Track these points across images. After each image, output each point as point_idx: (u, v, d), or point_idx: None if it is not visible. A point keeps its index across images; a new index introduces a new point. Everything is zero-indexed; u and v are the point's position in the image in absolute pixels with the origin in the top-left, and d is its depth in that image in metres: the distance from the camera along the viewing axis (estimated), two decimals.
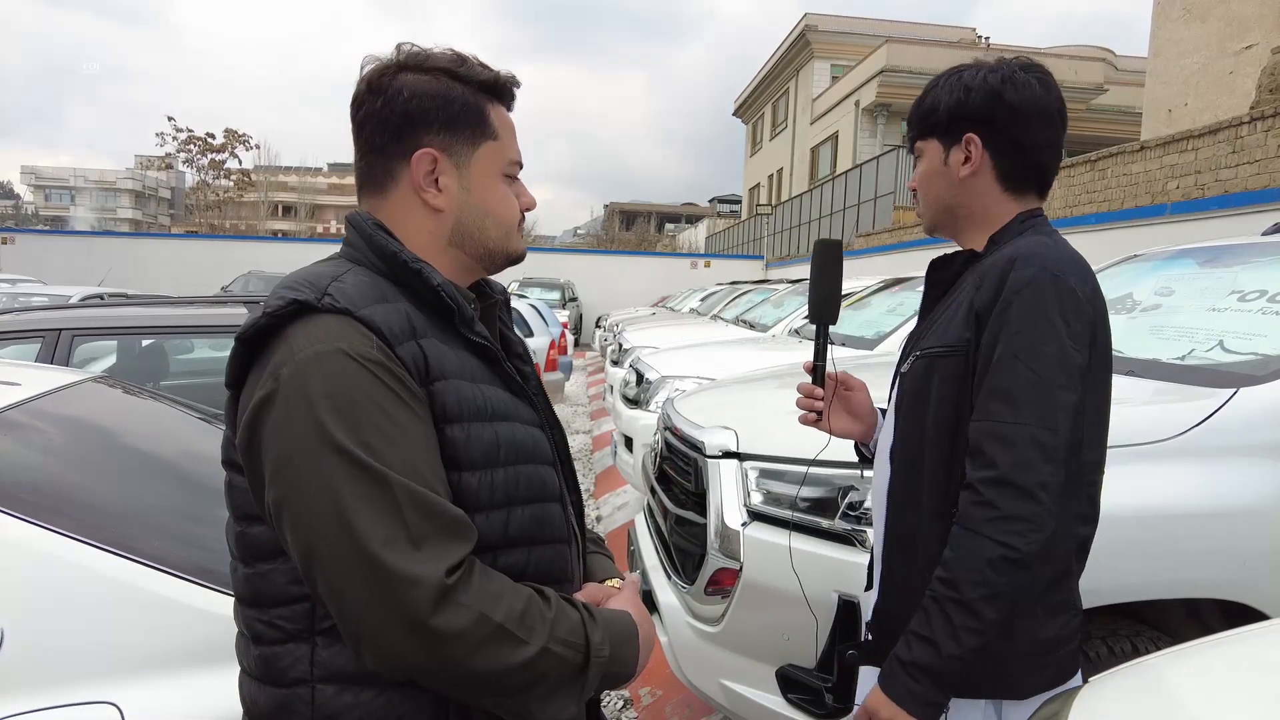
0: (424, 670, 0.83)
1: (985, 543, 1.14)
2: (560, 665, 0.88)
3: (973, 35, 28.09)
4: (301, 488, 0.83)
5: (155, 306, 4.51)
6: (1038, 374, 1.16)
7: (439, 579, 0.81)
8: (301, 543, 0.84)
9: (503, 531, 0.94)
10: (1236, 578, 1.78)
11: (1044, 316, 1.17)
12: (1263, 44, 10.10)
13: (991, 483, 1.15)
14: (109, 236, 25.52)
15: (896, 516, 1.36)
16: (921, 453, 1.30)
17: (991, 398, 1.19)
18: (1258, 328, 2.16)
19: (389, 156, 0.99)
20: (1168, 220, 7.79)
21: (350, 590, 0.81)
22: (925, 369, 1.31)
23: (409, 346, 0.90)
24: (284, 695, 0.91)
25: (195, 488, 1.89)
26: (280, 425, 0.84)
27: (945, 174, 1.36)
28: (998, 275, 1.22)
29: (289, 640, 0.91)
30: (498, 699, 0.87)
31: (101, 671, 1.35)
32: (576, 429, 8.60)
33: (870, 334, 4.77)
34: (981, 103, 1.30)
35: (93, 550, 1.40)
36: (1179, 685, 0.99)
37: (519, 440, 0.97)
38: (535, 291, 16.69)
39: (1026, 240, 1.27)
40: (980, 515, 1.16)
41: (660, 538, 2.71)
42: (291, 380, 0.84)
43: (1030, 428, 1.15)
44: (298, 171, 51.16)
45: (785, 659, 2.03)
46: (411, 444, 0.86)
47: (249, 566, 0.93)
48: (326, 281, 0.90)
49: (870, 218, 17.85)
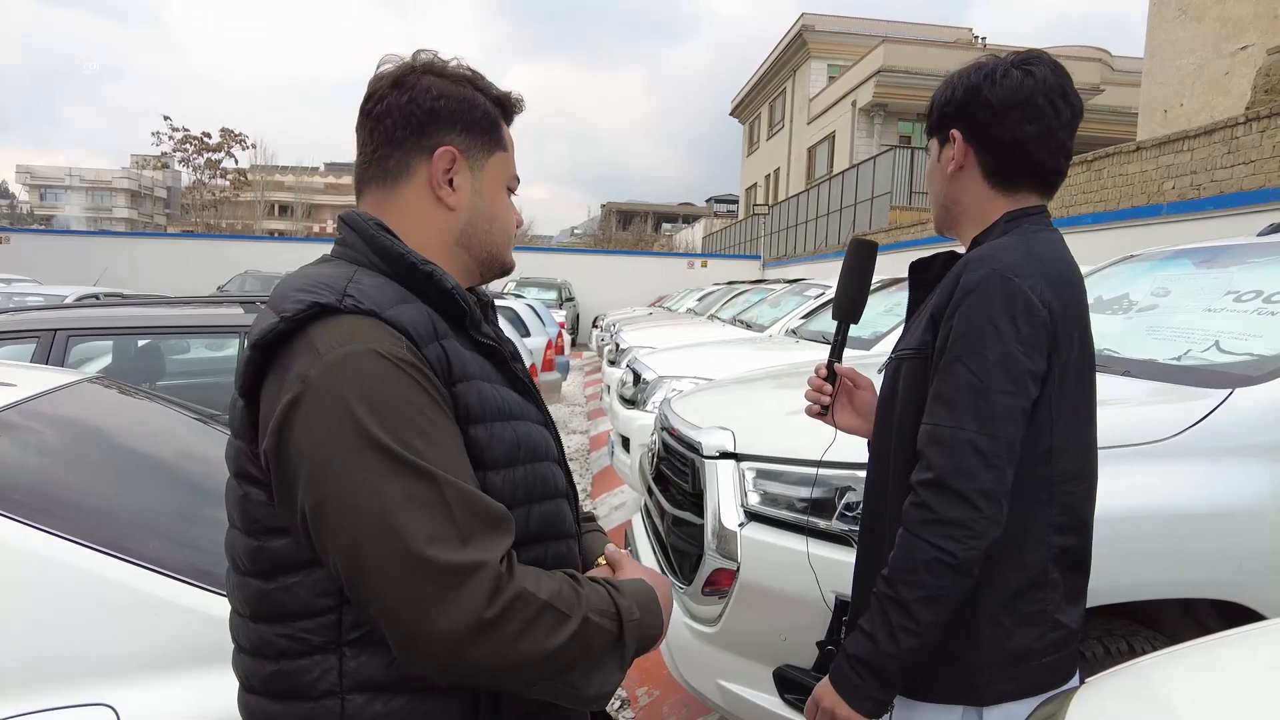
0: (477, 664, 0.82)
1: (922, 545, 1.15)
2: (600, 635, 0.89)
3: (969, 35, 28.12)
4: (343, 489, 0.81)
5: (151, 306, 4.49)
6: (979, 378, 1.15)
7: (495, 567, 0.82)
8: (344, 545, 0.81)
9: (524, 528, 0.95)
10: (1233, 578, 1.78)
11: (989, 320, 1.16)
12: (1258, 45, 10.12)
13: (929, 485, 1.16)
14: (105, 236, 25.45)
15: (869, 517, 1.39)
16: (888, 454, 1.32)
17: (934, 401, 1.20)
18: (1253, 328, 2.16)
19: (407, 150, 0.99)
20: (1164, 220, 7.80)
21: (401, 591, 0.79)
22: (894, 371, 1.33)
23: (434, 348, 0.90)
24: (310, 709, 0.89)
25: (191, 489, 1.89)
26: (312, 427, 0.82)
27: (938, 170, 1.37)
28: (954, 277, 1.23)
29: (315, 653, 0.89)
30: (548, 681, 0.87)
31: (97, 673, 1.34)
32: (573, 429, 8.60)
33: (867, 334, 4.78)
34: (962, 99, 1.31)
35: (88, 551, 1.39)
36: (1174, 687, 0.99)
37: (533, 439, 0.99)
38: (532, 291, 16.67)
39: (998, 241, 1.26)
40: (917, 517, 1.17)
41: (657, 538, 2.71)
42: (322, 381, 0.82)
43: (968, 432, 1.15)
44: (294, 171, 51.14)
45: (782, 659, 2.03)
46: (450, 443, 0.86)
47: (270, 581, 0.90)
48: (343, 283, 0.89)
49: (867, 218, 17.86)
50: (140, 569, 1.42)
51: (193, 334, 4.23)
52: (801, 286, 8.48)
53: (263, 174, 43.00)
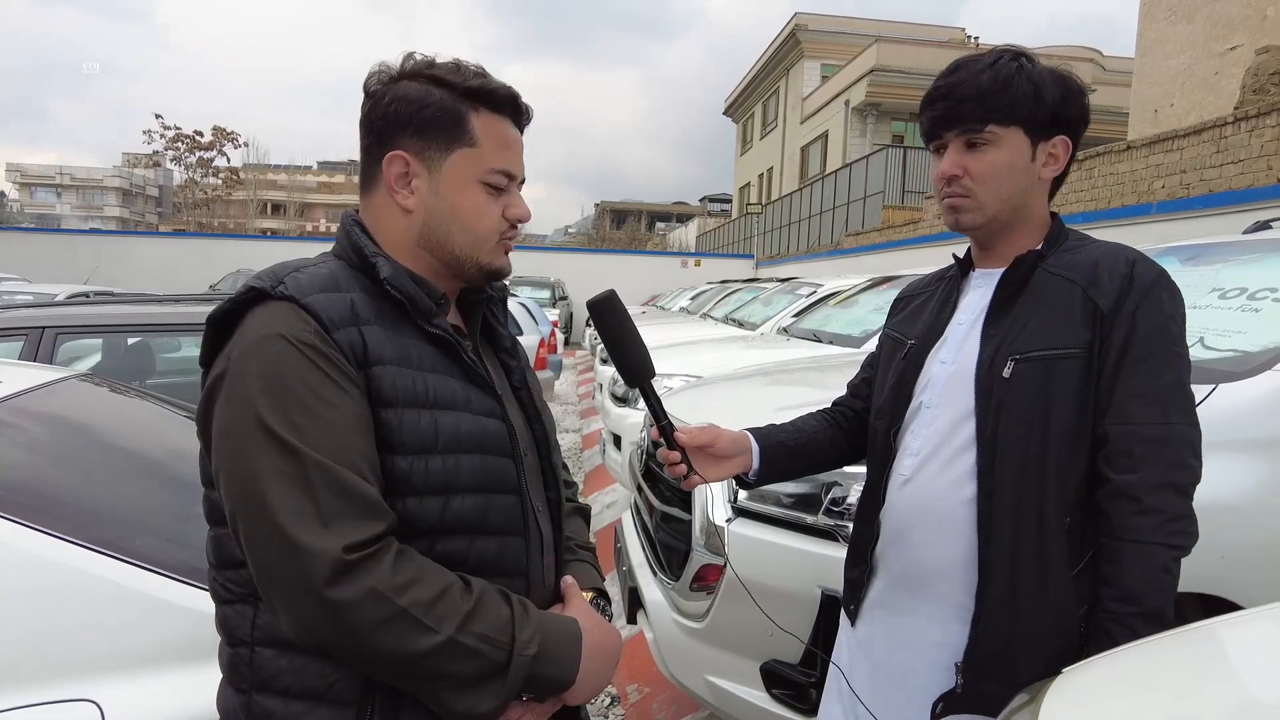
0: (329, 641, 0.87)
1: (1158, 549, 1.16)
2: (473, 658, 0.89)
3: (962, 35, 28.18)
4: (231, 460, 0.90)
5: (141, 304, 4.48)
6: (1179, 373, 1.21)
7: (336, 553, 0.84)
8: (230, 511, 0.91)
9: (439, 517, 0.96)
10: (1216, 572, 1.79)
11: (1175, 318, 1.23)
12: (1247, 45, 10.17)
13: (1154, 488, 1.17)
14: (96, 235, 25.30)
15: (1013, 532, 1.24)
16: (1045, 460, 1.22)
17: (1135, 400, 1.20)
18: (1237, 325, 2.18)
19: (372, 158, 1.04)
20: (1153, 219, 7.85)
21: (262, 557, 0.88)
22: (1041, 373, 1.23)
23: (348, 332, 0.94)
24: (231, 654, 0.97)
25: (179, 485, 1.88)
26: (224, 402, 0.91)
27: (1029, 171, 1.29)
28: (1119, 275, 1.23)
29: (237, 602, 0.96)
30: (407, 682, 0.90)
31: (82, 669, 1.34)
32: (566, 427, 8.60)
33: (857, 332, 4.81)
34: (1079, 108, 1.29)
35: (75, 548, 1.39)
36: (1151, 675, 1.00)
37: (464, 430, 0.99)
38: (525, 290, 16.64)
39: (1100, 244, 1.31)
40: (1149, 525, 1.16)
41: (646, 535, 2.71)
42: (238, 361, 0.91)
43: (1181, 426, 1.19)
44: (287, 170, 50.99)
45: (770, 655, 2.04)
46: (340, 424, 0.90)
47: (211, 529, 0.99)
48: (288, 271, 0.97)
49: (860, 217, 17.90)
50: (127, 565, 1.42)
51: (183, 332, 4.21)
52: (793, 285, 8.50)
53: (255, 173, 42.80)
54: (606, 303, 1.29)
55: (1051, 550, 1.22)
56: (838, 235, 18.62)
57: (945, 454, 1.31)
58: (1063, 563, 1.22)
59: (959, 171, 1.29)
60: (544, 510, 1.12)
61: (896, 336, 1.50)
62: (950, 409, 1.31)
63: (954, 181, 1.30)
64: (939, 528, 1.31)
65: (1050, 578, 1.22)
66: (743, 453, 1.47)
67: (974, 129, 1.26)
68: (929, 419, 1.34)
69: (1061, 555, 1.22)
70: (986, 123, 1.25)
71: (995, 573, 1.24)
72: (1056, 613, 1.22)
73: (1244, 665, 1.06)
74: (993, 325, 1.30)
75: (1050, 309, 1.25)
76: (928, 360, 1.38)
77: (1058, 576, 1.22)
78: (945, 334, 1.38)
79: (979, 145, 1.27)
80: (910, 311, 1.52)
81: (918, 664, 1.34)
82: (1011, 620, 1.23)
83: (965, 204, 1.31)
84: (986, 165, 1.27)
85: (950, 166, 1.30)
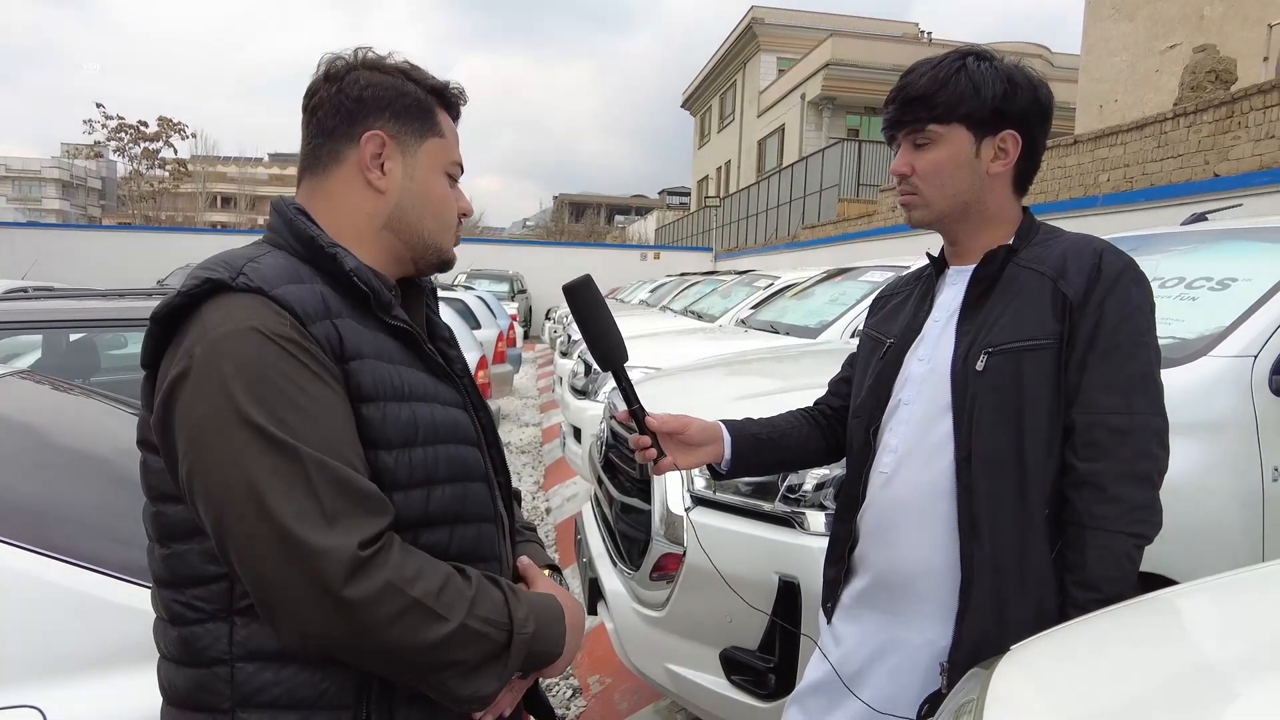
0: (340, 643, 0.85)
1: (1119, 538, 1.19)
2: (481, 642, 0.90)
3: (915, 30, 28.62)
4: (213, 462, 0.84)
5: (84, 299, 4.33)
6: (1146, 364, 1.22)
7: (352, 551, 0.82)
8: (213, 517, 0.85)
9: (423, 510, 0.95)
10: (1155, 551, 1.85)
11: (1142, 309, 1.24)
12: (1185, 44, 10.51)
13: (1117, 477, 1.19)
14: (35, 228, 24.44)
15: (994, 525, 1.24)
16: (1021, 452, 1.23)
17: (1102, 390, 1.21)
18: (1176, 313, 2.25)
19: (338, 139, 1.02)
20: (1098, 212, 8.07)
21: (263, 563, 0.83)
22: (1013, 365, 1.23)
23: (323, 325, 0.91)
24: (202, 675, 0.91)
25: (122, 483, 1.83)
26: (193, 402, 0.85)
27: (973, 167, 1.30)
28: (1087, 266, 1.24)
29: (208, 620, 0.91)
30: (417, 675, 0.89)
31: (24, 674, 1.30)
32: (526, 421, 8.56)
33: (814, 323, 4.87)
34: (1026, 102, 1.29)
35: (14, 549, 1.35)
36: (1097, 646, 1.04)
37: (438, 421, 0.99)
38: (484, 283, 16.48)
39: (1070, 236, 1.32)
40: (1113, 513, 1.19)
41: (606, 526, 2.72)
42: (204, 358, 0.85)
43: (1146, 416, 1.21)
44: (237, 162, 49.70)
45: (729, 642, 2.06)
46: (328, 420, 0.87)
47: (165, 547, 0.93)
48: (242, 262, 0.91)
49: (816, 210, 18.09)
50: (70, 565, 1.37)
51: (128, 327, 4.09)
52: (751, 278, 8.57)
53: (204, 164, 41.71)
54: (584, 287, 1.31)
55: (1032, 541, 1.24)
56: (795, 228, 18.80)
57: (924, 450, 1.32)
58: (1044, 553, 1.24)
59: (908, 170, 1.33)
60: (499, 495, 1.13)
61: (876, 336, 1.50)
62: (928, 405, 1.32)
63: (905, 180, 1.34)
64: (920, 525, 1.32)
65: (1031, 569, 1.24)
66: (713, 441, 1.48)
67: (918, 129, 1.31)
68: (907, 415, 1.35)
69: (1043, 546, 1.24)
70: (928, 122, 1.29)
71: (979, 568, 1.25)
72: (1038, 604, 1.24)
73: (1183, 634, 1.11)
74: (966, 321, 1.31)
75: (1021, 301, 1.27)
76: (906, 358, 1.40)
77: (1038, 568, 1.24)
78: (923, 332, 1.40)
79: (923, 145, 1.31)
80: (889, 311, 1.52)
81: (902, 664, 1.34)
82: (997, 616, 1.24)
83: (914, 200, 1.35)
84: (928, 163, 1.31)
85: (900, 165, 1.34)
